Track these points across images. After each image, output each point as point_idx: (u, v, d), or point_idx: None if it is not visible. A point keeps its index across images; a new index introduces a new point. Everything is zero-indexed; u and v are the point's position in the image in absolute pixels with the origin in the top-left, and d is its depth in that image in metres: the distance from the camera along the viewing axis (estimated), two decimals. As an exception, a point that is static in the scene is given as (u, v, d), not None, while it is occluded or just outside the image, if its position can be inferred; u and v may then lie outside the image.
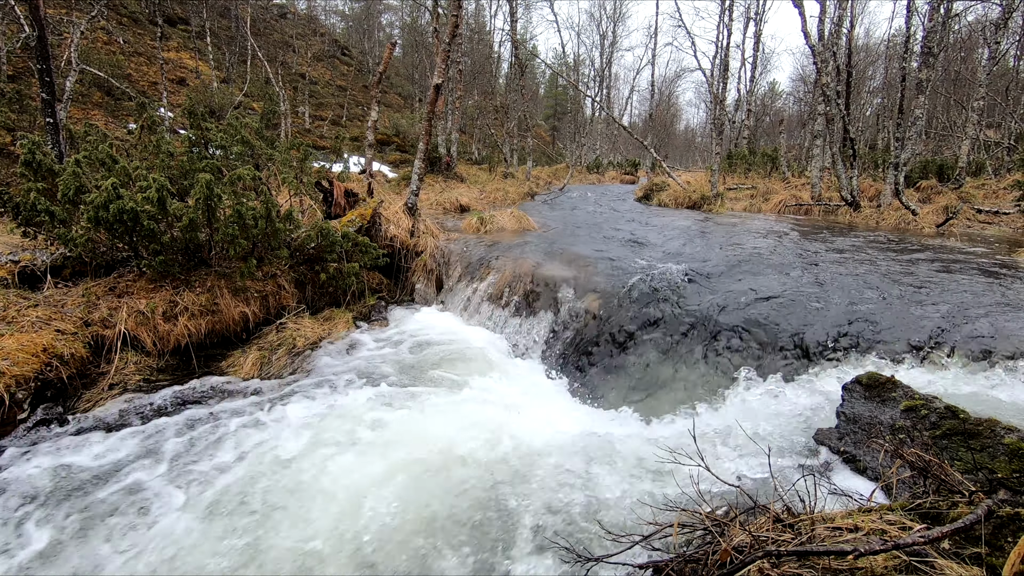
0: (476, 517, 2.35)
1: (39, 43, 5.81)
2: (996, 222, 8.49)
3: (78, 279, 4.34)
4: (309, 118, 22.55)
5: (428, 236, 6.75)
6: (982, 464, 2.00)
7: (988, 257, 5.49)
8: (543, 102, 43.88)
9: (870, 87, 24.98)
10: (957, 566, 1.34)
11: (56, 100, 5.99)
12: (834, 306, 3.85)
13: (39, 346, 3.39)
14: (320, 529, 2.31)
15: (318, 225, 5.11)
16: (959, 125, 17.56)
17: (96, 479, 2.73)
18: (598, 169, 26.61)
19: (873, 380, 2.61)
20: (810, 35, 9.68)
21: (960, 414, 2.23)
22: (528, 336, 4.78)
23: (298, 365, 4.25)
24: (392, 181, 14.36)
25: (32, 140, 4.33)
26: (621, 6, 33.54)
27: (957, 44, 19.17)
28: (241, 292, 4.64)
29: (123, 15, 20.79)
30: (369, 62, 31.96)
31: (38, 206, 4.02)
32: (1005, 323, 3.29)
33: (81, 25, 11.05)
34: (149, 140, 5.32)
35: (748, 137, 23.77)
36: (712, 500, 2.17)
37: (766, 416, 2.93)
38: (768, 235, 7.25)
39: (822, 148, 11.42)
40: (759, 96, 28.71)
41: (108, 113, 14.50)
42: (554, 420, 3.43)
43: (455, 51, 15.33)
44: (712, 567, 1.51)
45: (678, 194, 12.58)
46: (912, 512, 1.67)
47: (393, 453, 2.85)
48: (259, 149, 5.99)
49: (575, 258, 5.69)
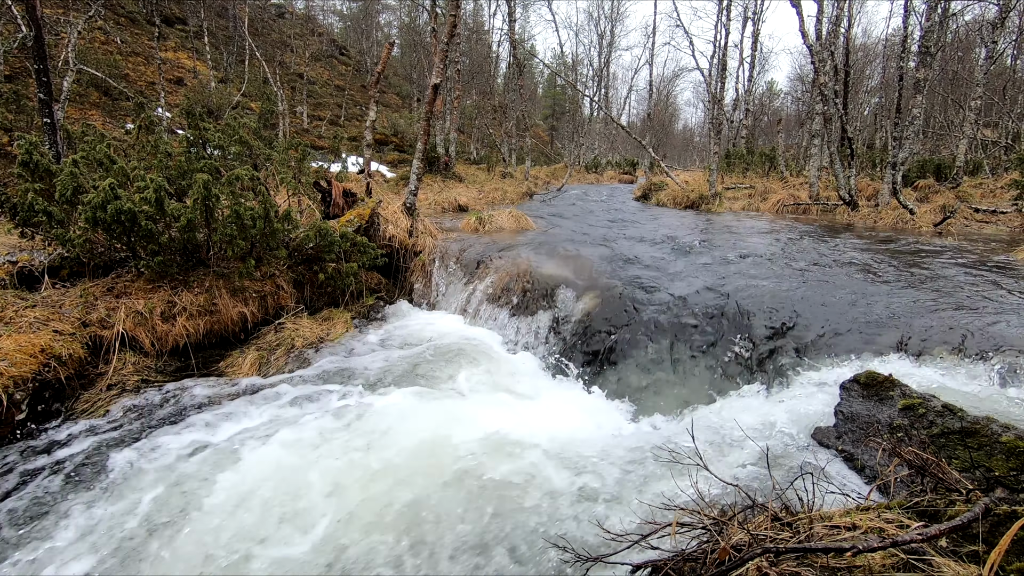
0: (471, 514, 2.35)
1: (36, 43, 5.80)
2: (993, 221, 8.51)
3: (76, 280, 4.33)
4: (307, 118, 22.51)
5: (427, 236, 6.75)
6: (979, 462, 2.01)
7: (986, 256, 5.50)
8: (541, 102, 43.88)
9: (868, 86, 25.03)
10: (955, 564, 1.35)
11: (53, 100, 5.97)
12: (831, 305, 3.86)
13: (37, 347, 3.39)
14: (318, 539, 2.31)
15: (316, 225, 5.10)
16: (957, 124, 17.60)
17: (92, 480, 2.72)
18: (596, 169, 26.63)
19: (871, 379, 2.62)
20: (808, 35, 9.69)
21: (957, 412, 2.23)
22: (527, 335, 4.78)
23: (297, 365, 4.25)
24: (390, 181, 14.36)
25: (29, 140, 4.31)
26: (619, 6, 33.55)
27: (954, 44, 19.21)
28: (239, 292, 4.63)
29: (120, 15, 20.74)
30: (367, 62, 31.91)
31: (35, 206, 4.00)
32: (1001, 322, 3.30)
33: (78, 25, 11.02)
34: (147, 140, 5.31)
35: (746, 136, 23.81)
36: (710, 499, 2.17)
37: (764, 414, 2.94)
38: (766, 235, 7.27)
39: (820, 147, 11.43)
40: (757, 96, 28.74)
41: (106, 113, 14.47)
42: (552, 418, 3.43)
43: (453, 51, 15.32)
44: (711, 565, 1.51)
45: (676, 194, 12.60)
46: (910, 510, 1.67)
47: (387, 451, 2.85)
48: (257, 149, 5.98)
49: (574, 257, 5.70)
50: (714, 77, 17.36)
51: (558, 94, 40.76)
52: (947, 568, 1.33)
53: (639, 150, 29.82)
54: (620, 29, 71.93)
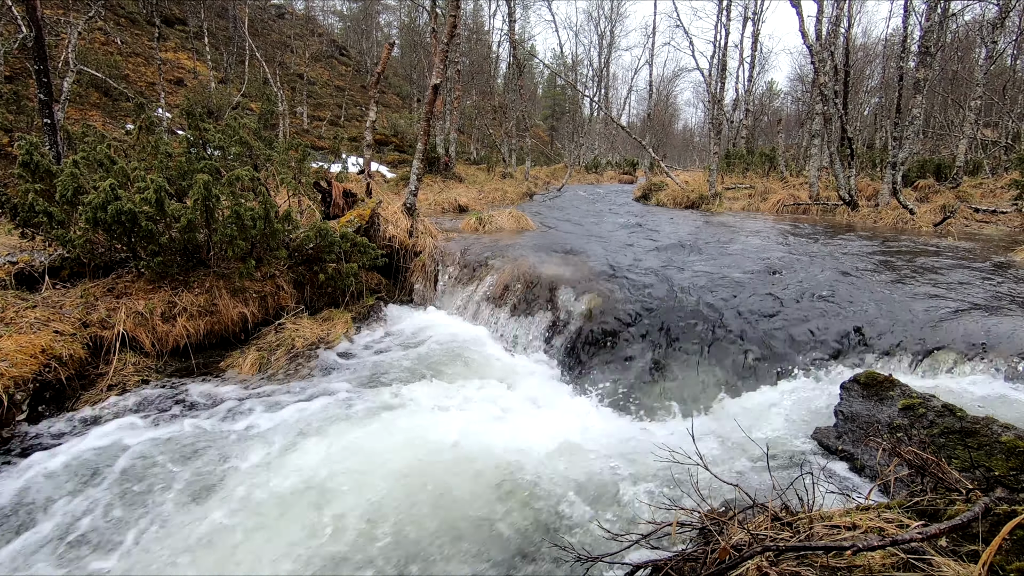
0: (473, 515, 2.35)
1: (36, 44, 5.80)
2: (993, 221, 8.51)
3: (76, 280, 4.34)
4: (307, 118, 22.53)
5: (427, 236, 6.75)
6: (979, 462, 2.01)
7: (985, 256, 5.51)
8: (541, 102, 43.90)
9: (868, 86, 25.04)
10: (954, 563, 1.35)
11: (54, 101, 5.98)
12: (831, 306, 3.86)
13: (37, 347, 3.39)
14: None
15: (316, 225, 5.10)
16: (956, 124, 17.60)
17: (92, 481, 2.73)
18: (596, 169, 26.63)
19: (871, 379, 2.62)
20: (808, 35, 9.70)
21: (957, 412, 2.24)
22: (527, 335, 4.78)
23: (297, 365, 4.25)
24: (390, 181, 14.36)
25: (30, 141, 4.32)
26: (619, 6, 33.55)
27: (954, 44, 19.22)
28: (240, 293, 4.64)
29: (120, 15, 20.76)
30: (367, 62, 31.93)
31: (36, 207, 4.01)
32: (1000, 322, 3.30)
33: (78, 26, 11.04)
34: (147, 141, 5.31)
35: (746, 137, 23.82)
36: (711, 499, 2.17)
37: (764, 415, 2.94)
38: (766, 235, 7.27)
39: (820, 147, 11.44)
40: (757, 96, 28.75)
41: (106, 114, 14.48)
42: (552, 418, 3.43)
43: (453, 51, 15.33)
44: (711, 565, 1.51)
45: (676, 194, 12.60)
46: (910, 510, 1.67)
47: (388, 452, 2.85)
48: (257, 149, 5.98)
49: (574, 258, 5.70)
50: (714, 77, 17.37)
51: (558, 94, 40.77)
52: (947, 567, 1.33)
53: (639, 150, 29.84)
54: (620, 29, 71.91)
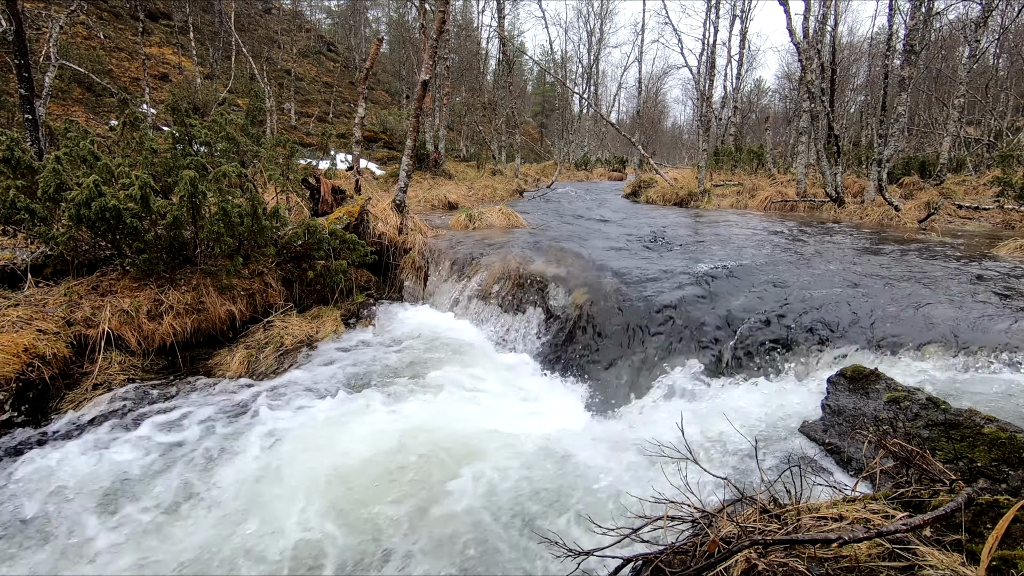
0: (460, 509, 2.35)
1: (16, 37, 5.68)
2: (976, 217, 8.65)
3: (60, 278, 4.26)
4: (295, 115, 22.33)
5: (416, 233, 6.73)
6: (962, 453, 2.04)
7: (968, 252, 5.59)
8: (531, 99, 43.86)
9: (854, 84, 25.31)
10: (938, 553, 1.37)
11: (35, 96, 5.86)
12: (818, 301, 3.90)
13: (20, 346, 3.33)
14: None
15: (305, 222, 5.06)
16: (941, 122, 17.84)
17: (78, 484, 2.69)
18: (586, 166, 26.69)
19: (857, 373, 2.65)
20: (795, 33, 9.77)
21: (941, 405, 2.27)
22: (517, 332, 4.79)
23: (285, 364, 4.21)
24: (380, 178, 14.29)
25: (10, 137, 4.24)
26: (608, 3, 33.56)
27: (938, 42, 19.46)
28: (227, 290, 4.59)
29: (103, 9, 20.41)
30: (356, 58, 31.68)
31: (17, 204, 3.93)
32: (981, 316, 3.36)
33: (60, 19, 10.82)
34: (132, 137, 5.23)
35: (735, 134, 23.95)
36: (700, 493, 2.19)
37: (753, 409, 2.97)
38: (754, 231, 7.33)
39: (807, 145, 11.54)
40: (745, 93, 28.95)
41: (89, 109, 14.25)
42: (542, 413, 3.44)
43: (442, 47, 15.25)
44: (700, 558, 1.53)
45: (665, 191, 12.67)
46: (895, 501, 1.70)
47: (381, 448, 2.84)
48: (245, 146, 5.91)
49: (564, 255, 5.70)
50: (703, 75, 17.44)
51: (548, 91, 40.77)
52: (931, 556, 1.35)
53: (629, 147, 29.91)
54: (609, 26, 71.86)
